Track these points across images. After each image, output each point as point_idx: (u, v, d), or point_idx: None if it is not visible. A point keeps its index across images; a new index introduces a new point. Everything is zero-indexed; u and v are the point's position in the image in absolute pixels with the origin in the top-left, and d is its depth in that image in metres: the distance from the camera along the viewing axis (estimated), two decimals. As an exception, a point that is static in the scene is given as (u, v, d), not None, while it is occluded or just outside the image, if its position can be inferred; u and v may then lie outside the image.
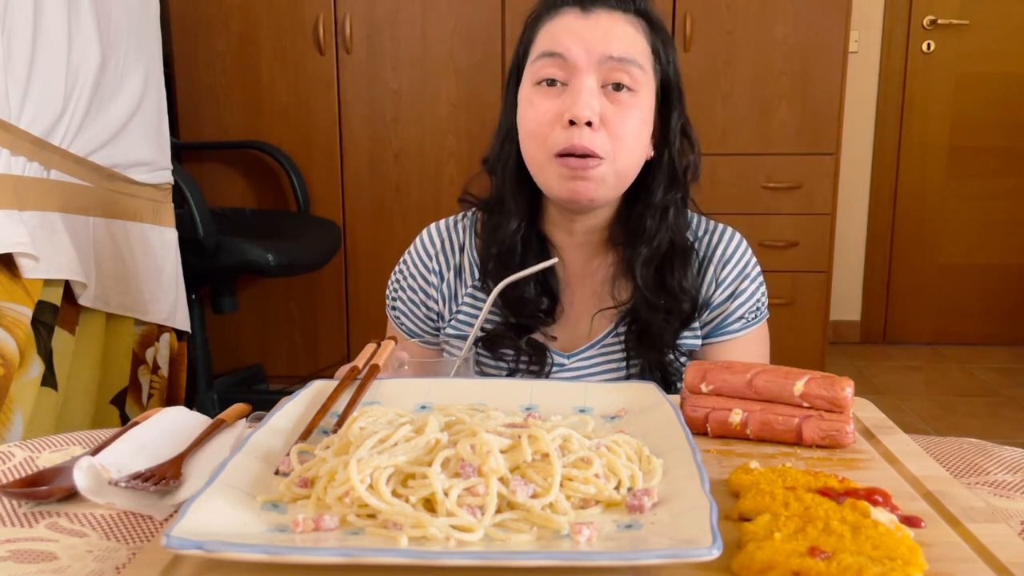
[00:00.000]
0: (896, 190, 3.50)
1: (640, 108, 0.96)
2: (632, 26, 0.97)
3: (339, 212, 2.85)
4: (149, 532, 0.63)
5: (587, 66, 0.94)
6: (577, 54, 0.94)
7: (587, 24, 0.95)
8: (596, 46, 0.94)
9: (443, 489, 0.55)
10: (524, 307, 1.04)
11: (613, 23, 0.96)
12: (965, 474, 0.72)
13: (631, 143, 0.96)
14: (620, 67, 0.94)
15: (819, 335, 2.86)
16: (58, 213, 1.68)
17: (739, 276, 1.07)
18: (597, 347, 1.06)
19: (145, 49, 1.95)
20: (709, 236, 1.08)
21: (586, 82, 0.93)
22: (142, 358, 2.02)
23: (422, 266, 1.12)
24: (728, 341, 1.06)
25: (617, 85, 0.94)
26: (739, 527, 0.55)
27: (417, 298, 1.12)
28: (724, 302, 1.06)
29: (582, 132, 0.92)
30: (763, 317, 1.10)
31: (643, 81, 0.96)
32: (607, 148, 0.94)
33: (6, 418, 1.53)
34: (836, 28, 2.68)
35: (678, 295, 1.02)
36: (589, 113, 0.92)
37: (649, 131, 0.99)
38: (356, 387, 0.80)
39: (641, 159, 1.00)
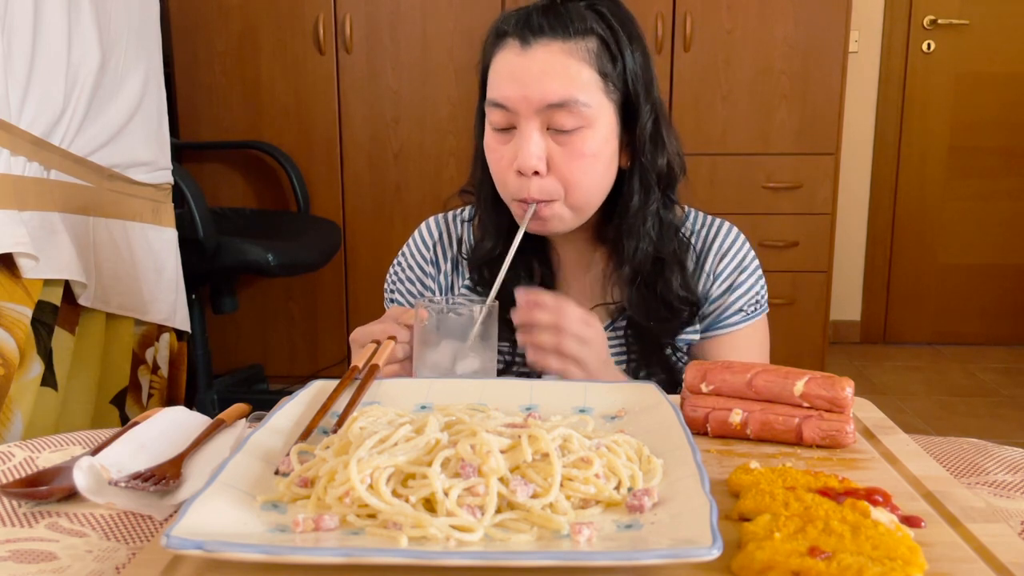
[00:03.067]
0: (896, 190, 3.50)
1: (592, 141, 0.94)
2: (573, 56, 0.93)
3: (339, 212, 2.85)
4: (149, 532, 0.63)
5: (528, 114, 0.92)
6: (517, 104, 0.93)
7: (525, 64, 0.93)
8: (533, 94, 0.92)
9: (443, 489, 0.55)
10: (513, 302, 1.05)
11: (551, 59, 0.92)
12: (965, 474, 0.72)
13: (582, 179, 0.95)
14: (562, 111, 0.92)
15: (819, 335, 2.86)
16: (58, 213, 1.68)
17: (736, 269, 1.07)
18: None
19: (145, 49, 1.95)
20: (706, 230, 1.08)
21: (530, 131, 0.93)
22: (142, 358, 2.02)
23: (420, 257, 1.12)
24: (727, 334, 1.06)
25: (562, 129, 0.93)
26: (739, 527, 0.55)
27: (415, 289, 1.13)
28: (722, 295, 1.06)
29: (530, 182, 0.94)
30: (762, 311, 1.10)
31: (592, 114, 0.93)
32: (557, 191, 0.95)
33: (6, 418, 1.53)
34: (836, 28, 2.68)
35: (672, 306, 1.02)
36: (533, 163, 0.92)
37: (611, 152, 0.97)
38: (356, 387, 0.80)
39: (603, 184, 0.98)
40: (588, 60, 0.93)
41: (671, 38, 2.72)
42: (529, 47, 0.93)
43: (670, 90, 2.76)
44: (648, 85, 0.98)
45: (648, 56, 0.99)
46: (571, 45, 0.93)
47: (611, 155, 0.97)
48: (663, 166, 0.99)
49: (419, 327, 0.88)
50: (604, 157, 0.96)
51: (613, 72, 0.95)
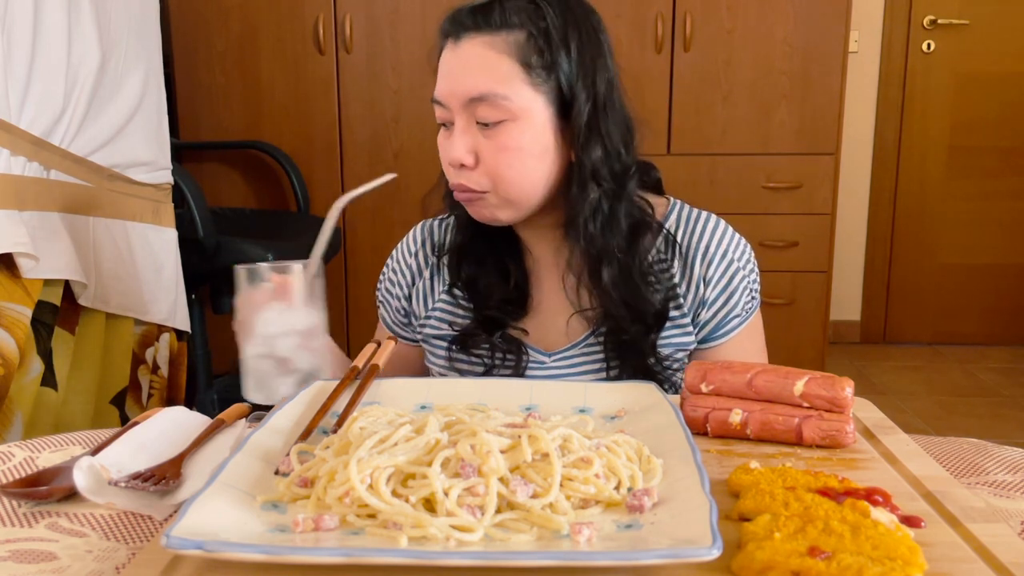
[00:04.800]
0: (896, 190, 3.50)
1: (517, 134, 0.94)
2: (496, 48, 0.93)
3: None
4: (149, 532, 0.63)
5: (457, 109, 0.95)
6: (447, 99, 0.95)
7: (454, 60, 0.95)
8: (458, 88, 0.94)
9: (443, 489, 0.55)
10: (489, 296, 1.04)
11: (473, 53, 0.93)
12: (965, 474, 0.72)
13: (509, 173, 0.94)
14: (483, 104, 0.93)
15: (819, 335, 2.86)
16: (58, 213, 1.68)
17: (728, 270, 1.03)
18: (579, 347, 1.04)
19: (145, 49, 1.95)
20: (691, 228, 1.04)
21: (458, 125, 0.95)
22: (142, 358, 2.02)
23: (403, 262, 1.13)
24: (729, 340, 1.04)
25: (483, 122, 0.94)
26: (739, 527, 0.55)
27: (395, 291, 1.14)
28: (719, 300, 1.03)
29: (459, 173, 0.96)
30: (757, 306, 1.07)
31: (516, 107, 0.93)
32: (484, 183, 0.95)
33: (6, 418, 1.53)
34: (836, 28, 2.68)
35: (638, 301, 0.99)
36: (458, 156, 0.95)
37: (545, 145, 0.96)
38: (356, 387, 0.80)
39: (539, 178, 0.96)
40: (511, 53, 0.93)
41: (671, 38, 2.72)
42: (458, 43, 0.95)
43: (670, 90, 2.76)
44: (588, 77, 0.95)
45: (595, 47, 0.97)
46: (494, 38, 0.93)
47: (545, 149, 0.96)
48: (599, 159, 0.96)
49: (242, 292, 0.86)
50: (534, 151, 0.95)
51: (540, 65, 0.93)
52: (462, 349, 1.05)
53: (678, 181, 2.79)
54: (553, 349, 1.05)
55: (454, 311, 1.08)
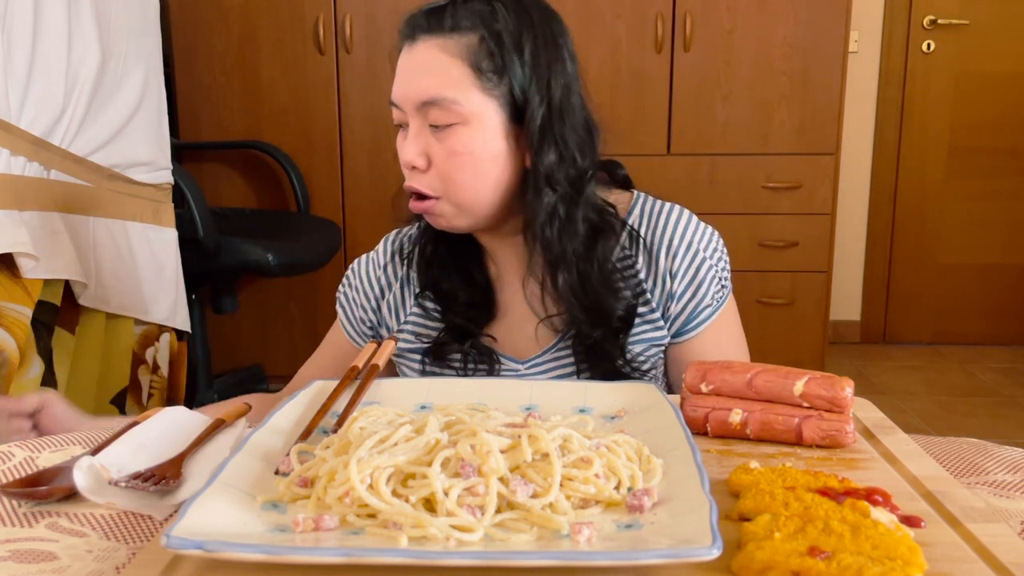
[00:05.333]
0: (896, 190, 3.50)
1: (468, 138, 0.93)
2: (448, 51, 0.92)
3: (339, 212, 2.85)
4: (149, 532, 0.63)
5: (410, 111, 0.94)
6: (401, 101, 0.95)
7: (408, 62, 0.95)
8: (410, 91, 0.94)
9: (443, 489, 0.55)
10: (454, 299, 1.04)
11: (426, 56, 0.93)
12: (965, 474, 0.72)
13: (460, 177, 0.94)
14: (434, 108, 0.92)
15: (819, 335, 2.86)
16: (58, 213, 1.68)
17: (694, 261, 1.01)
18: (550, 353, 1.03)
19: (145, 49, 1.95)
20: (654, 222, 1.02)
21: (411, 127, 0.95)
22: (142, 358, 2.02)
23: (372, 275, 1.12)
24: (703, 332, 1.02)
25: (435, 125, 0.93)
26: (739, 527, 0.55)
27: (360, 301, 1.12)
28: (687, 292, 1.01)
29: (412, 175, 0.96)
30: (728, 294, 1.05)
31: (466, 111, 0.92)
32: (436, 188, 0.95)
33: (6, 418, 1.53)
34: (836, 28, 2.68)
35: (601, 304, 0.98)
36: (410, 158, 0.94)
37: (498, 150, 0.95)
38: (356, 387, 0.80)
39: (492, 183, 0.96)
40: (463, 56, 0.92)
41: (671, 38, 2.72)
42: (413, 45, 0.95)
43: (670, 90, 2.76)
44: (543, 81, 0.94)
45: (551, 50, 0.95)
46: (447, 41, 0.93)
47: (497, 154, 0.95)
48: (553, 163, 0.95)
49: None
50: (486, 156, 0.94)
51: (491, 69, 0.93)
52: (435, 360, 1.04)
53: (678, 181, 2.79)
54: (525, 356, 1.04)
55: (425, 323, 1.06)
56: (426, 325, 1.06)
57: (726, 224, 2.92)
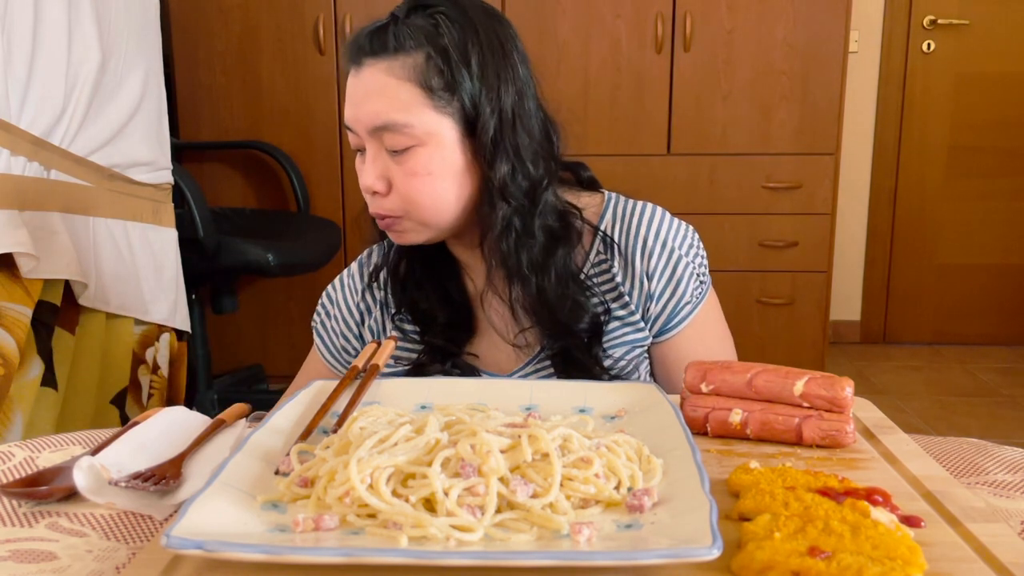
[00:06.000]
0: (896, 190, 3.50)
1: (425, 159, 0.92)
2: (394, 74, 0.90)
3: (339, 212, 2.85)
4: (149, 532, 0.63)
5: (364, 136, 0.93)
6: (354, 126, 0.94)
7: (355, 86, 0.93)
8: (361, 117, 0.92)
9: (443, 489, 0.55)
10: (433, 320, 1.02)
11: (373, 81, 0.91)
12: (965, 474, 0.72)
13: (421, 198, 0.93)
14: (387, 132, 0.91)
15: (819, 335, 2.86)
16: (58, 213, 1.68)
17: (670, 260, 1.00)
18: (532, 364, 1.02)
19: (145, 49, 1.95)
20: (627, 224, 1.01)
21: (368, 152, 0.94)
22: (142, 358, 2.02)
23: (350, 301, 1.10)
24: (684, 329, 1.02)
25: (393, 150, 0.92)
26: (739, 527, 0.55)
27: (339, 328, 1.10)
28: (666, 292, 1.00)
29: (373, 199, 0.96)
30: (707, 289, 1.04)
31: (421, 132, 0.91)
32: (399, 209, 0.94)
33: (6, 418, 1.53)
34: (836, 28, 2.68)
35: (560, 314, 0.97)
36: (370, 183, 0.93)
37: (456, 167, 0.93)
38: (356, 387, 0.80)
39: (453, 200, 0.94)
40: (411, 77, 0.90)
41: (671, 38, 2.72)
42: (360, 69, 0.93)
43: (670, 90, 2.76)
44: (492, 91, 0.92)
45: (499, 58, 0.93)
46: (392, 63, 0.91)
47: (456, 170, 0.93)
48: (506, 175, 0.93)
49: None
50: (445, 174, 0.93)
51: (442, 86, 0.91)
52: None
53: (678, 181, 2.79)
54: (508, 371, 1.03)
55: (405, 345, 1.05)
56: (406, 348, 1.05)
57: (726, 224, 2.93)
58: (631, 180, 2.74)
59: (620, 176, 2.72)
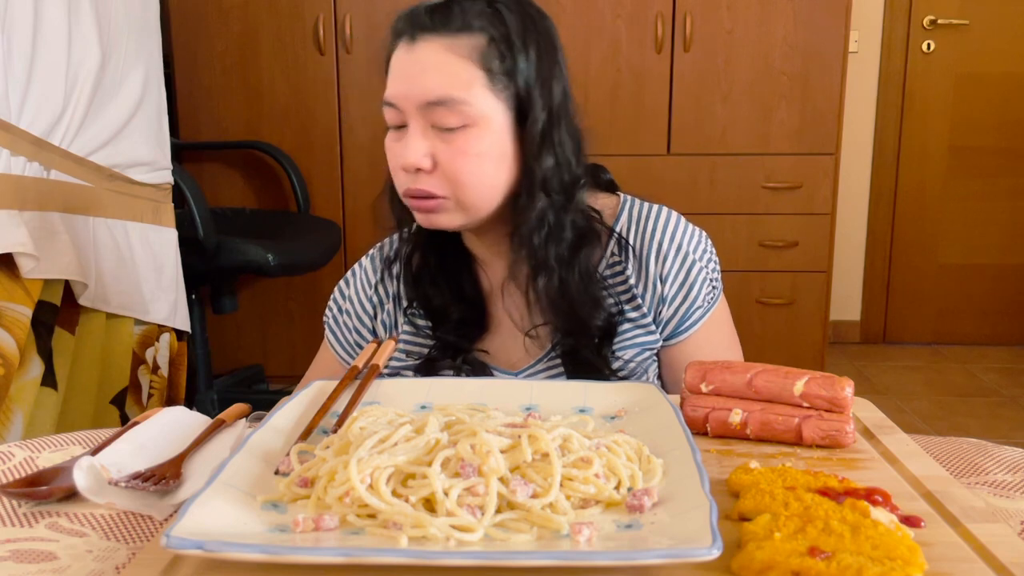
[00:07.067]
0: (896, 190, 3.50)
1: (477, 140, 0.91)
2: (456, 52, 0.90)
3: (339, 212, 2.85)
4: (149, 532, 0.63)
5: (412, 112, 0.92)
6: (401, 101, 0.92)
7: (410, 61, 0.92)
8: (415, 91, 0.91)
9: (443, 489, 0.55)
10: (446, 317, 1.02)
11: (433, 56, 0.90)
12: (965, 474, 0.72)
13: (469, 180, 0.92)
14: (442, 109, 0.90)
15: (819, 335, 2.86)
16: (58, 213, 1.68)
17: (684, 264, 1.01)
18: (543, 362, 1.02)
19: (145, 49, 1.95)
20: (643, 226, 1.02)
21: (413, 128, 0.92)
22: (142, 358, 2.02)
23: (362, 294, 1.10)
24: (694, 333, 1.02)
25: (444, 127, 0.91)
26: (739, 527, 0.55)
27: (351, 324, 1.10)
28: (679, 296, 1.01)
29: (417, 177, 0.93)
30: (719, 295, 1.05)
31: (475, 113, 0.90)
32: (444, 189, 0.92)
33: (6, 418, 1.53)
34: (836, 28, 2.68)
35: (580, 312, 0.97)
36: (415, 160, 0.91)
37: (502, 153, 0.93)
38: (356, 387, 0.80)
39: (496, 185, 0.94)
40: (472, 57, 0.90)
41: (671, 38, 2.72)
42: (415, 44, 0.92)
43: (670, 90, 2.76)
44: (545, 85, 0.94)
45: (551, 54, 0.95)
46: (455, 41, 0.90)
47: (502, 156, 0.93)
48: (550, 168, 0.94)
49: None
50: (493, 158, 0.93)
51: (501, 71, 0.91)
52: (427, 375, 1.02)
53: (678, 181, 2.79)
54: (518, 368, 1.03)
55: (416, 340, 1.05)
56: (417, 342, 1.05)
57: (726, 224, 2.93)
58: (631, 180, 2.73)
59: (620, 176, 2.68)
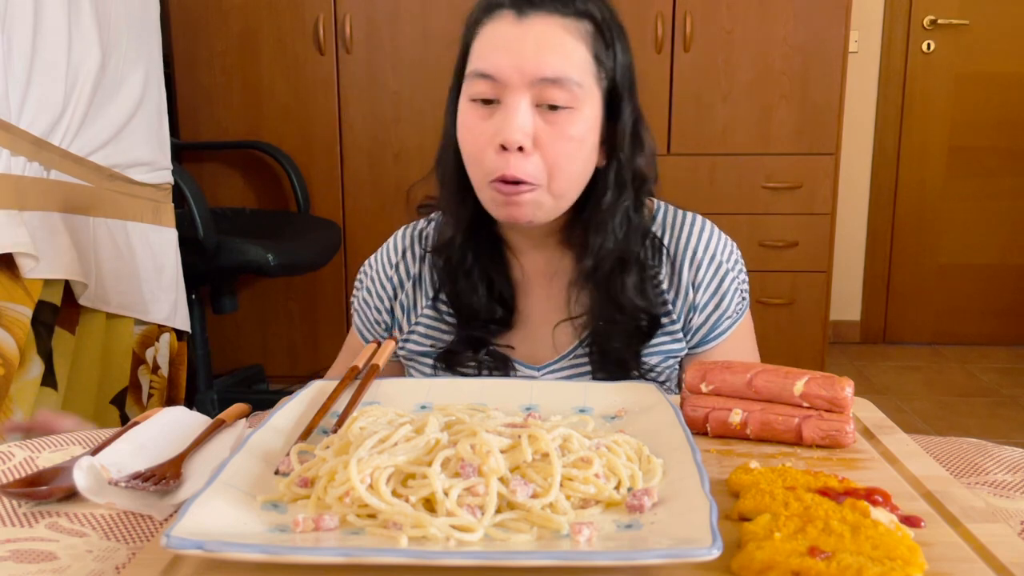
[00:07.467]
0: (896, 190, 3.50)
1: (579, 124, 0.89)
2: (571, 33, 0.89)
3: (339, 212, 2.85)
4: (149, 532, 0.63)
5: (519, 86, 0.87)
6: (508, 75, 0.87)
7: (520, 34, 0.88)
8: (528, 65, 0.87)
9: (443, 489, 0.55)
10: (475, 317, 1.00)
11: (548, 32, 0.88)
12: (965, 474, 0.72)
13: (567, 165, 0.90)
14: (554, 88, 0.87)
15: (819, 335, 2.86)
16: (58, 213, 1.68)
17: (718, 273, 1.01)
18: (567, 359, 1.01)
19: (145, 49, 1.95)
20: (678, 232, 1.01)
21: (518, 103, 0.87)
22: (142, 358, 2.02)
23: (383, 274, 1.08)
24: (721, 343, 1.02)
25: (552, 106, 0.88)
26: (739, 527, 0.55)
27: (372, 302, 1.08)
28: (710, 304, 1.01)
29: (514, 158, 0.88)
30: (747, 306, 1.05)
31: (583, 96, 0.89)
32: (540, 174, 0.89)
33: (6, 418, 1.53)
34: (836, 28, 2.68)
35: (630, 311, 0.96)
36: (520, 137, 0.87)
37: (594, 142, 0.93)
38: (356, 387, 0.80)
39: (584, 175, 0.94)
40: (585, 41, 0.89)
41: (671, 38, 2.72)
42: (525, 18, 0.88)
43: (670, 90, 2.76)
44: (632, 83, 0.95)
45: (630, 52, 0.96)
46: (569, 22, 0.89)
47: (593, 146, 0.93)
48: (640, 166, 0.95)
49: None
50: (587, 145, 0.91)
51: (606, 59, 0.91)
52: (448, 367, 1.01)
53: (678, 181, 2.79)
54: (541, 363, 1.02)
55: (437, 326, 1.03)
56: (438, 328, 1.03)
57: (726, 224, 2.90)
58: (631, 180, 2.74)
59: (620, 176, 2.71)
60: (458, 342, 1.01)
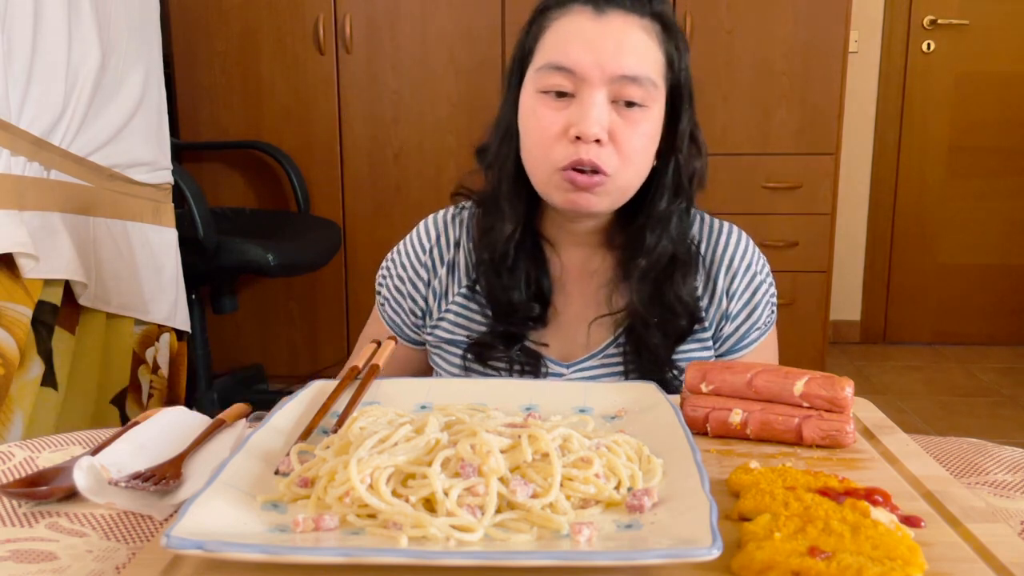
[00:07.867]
0: (896, 190, 3.50)
1: (651, 122, 0.92)
2: (647, 33, 0.91)
3: (339, 212, 2.85)
4: (149, 532, 0.63)
5: (598, 82, 0.89)
6: (588, 69, 0.89)
7: (599, 30, 0.90)
8: (608, 63, 0.89)
9: (443, 489, 0.55)
10: (513, 313, 1.00)
11: (627, 31, 0.90)
12: (965, 474, 0.72)
13: (637, 159, 0.92)
14: (632, 84, 0.89)
15: (819, 335, 2.86)
16: (58, 213, 1.68)
17: (752, 283, 1.02)
18: (598, 357, 1.01)
19: (145, 49, 1.95)
20: (715, 240, 1.03)
21: (596, 97, 0.89)
22: (142, 358, 2.02)
23: (415, 259, 1.07)
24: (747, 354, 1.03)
25: (628, 102, 0.90)
26: (739, 527, 0.55)
27: (404, 289, 1.07)
28: (743, 314, 1.02)
29: (589, 148, 0.89)
30: (774, 320, 1.06)
31: (656, 95, 0.92)
32: (613, 165, 0.90)
33: (6, 418, 1.53)
34: (836, 28, 2.68)
35: (675, 309, 0.97)
36: (598, 130, 0.89)
37: (656, 141, 0.95)
38: (356, 387, 0.80)
39: (645, 172, 0.96)
40: (659, 42, 0.92)
41: (671, 38, 2.72)
42: (604, 15, 0.90)
43: (670, 90, 2.76)
44: (690, 84, 0.97)
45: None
46: (645, 22, 0.92)
47: (655, 144, 0.95)
48: (698, 169, 0.98)
49: None
50: (653, 142, 0.94)
51: (677, 61, 0.94)
52: (478, 359, 1.01)
53: (678, 181, 2.79)
54: (572, 359, 1.02)
55: (468, 315, 1.03)
56: (469, 317, 1.03)
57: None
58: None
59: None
60: (491, 335, 1.01)
